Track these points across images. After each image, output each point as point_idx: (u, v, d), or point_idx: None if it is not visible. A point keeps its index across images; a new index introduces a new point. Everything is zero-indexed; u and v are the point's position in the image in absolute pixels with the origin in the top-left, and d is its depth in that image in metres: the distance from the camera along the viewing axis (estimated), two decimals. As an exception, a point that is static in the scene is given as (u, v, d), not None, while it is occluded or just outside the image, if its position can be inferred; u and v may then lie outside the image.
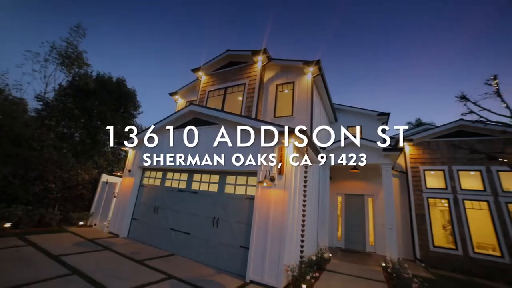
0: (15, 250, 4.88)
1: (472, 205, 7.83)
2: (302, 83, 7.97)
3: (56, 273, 3.97)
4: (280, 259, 4.60)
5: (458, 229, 7.71)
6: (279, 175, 5.17)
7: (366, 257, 8.02)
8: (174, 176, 7.23)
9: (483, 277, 6.74)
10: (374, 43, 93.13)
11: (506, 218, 7.09)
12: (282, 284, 4.46)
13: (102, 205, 8.37)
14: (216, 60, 9.36)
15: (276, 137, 5.36)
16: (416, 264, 7.69)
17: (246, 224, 5.39)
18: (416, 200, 8.59)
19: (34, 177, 7.24)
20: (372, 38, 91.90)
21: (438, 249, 7.78)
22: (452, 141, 8.55)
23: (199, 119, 7.01)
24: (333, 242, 9.39)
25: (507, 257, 6.75)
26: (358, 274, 5.89)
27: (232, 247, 5.43)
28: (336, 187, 10.25)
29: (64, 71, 8.68)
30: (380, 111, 11.09)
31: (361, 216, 9.58)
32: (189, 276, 4.65)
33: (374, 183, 9.60)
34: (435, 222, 8.25)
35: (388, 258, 6.57)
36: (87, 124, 8.92)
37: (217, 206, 6.01)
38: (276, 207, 4.99)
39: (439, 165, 8.68)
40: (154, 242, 6.68)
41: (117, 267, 4.68)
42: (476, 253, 7.22)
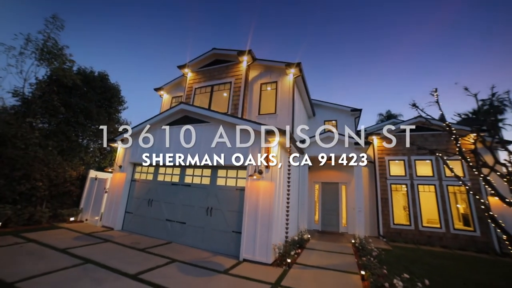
0: (19, 246, 5.13)
1: (423, 188, 9.38)
2: (285, 83, 8.67)
3: (71, 263, 4.40)
4: (269, 240, 5.43)
5: (413, 209, 9.23)
6: (266, 169, 5.92)
7: (340, 237, 9.26)
8: (167, 170, 7.66)
9: (426, 244, 8.48)
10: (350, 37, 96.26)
11: (446, 198, 8.79)
12: (271, 260, 5.32)
13: (92, 200, 8.54)
14: (202, 58, 9.65)
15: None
16: (379, 239, 9.10)
17: (238, 212, 6.12)
18: (381, 186, 9.96)
19: (20, 176, 7.20)
20: (349, 31, 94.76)
21: (397, 226, 9.26)
22: (410, 136, 9.96)
23: (190, 117, 7.44)
24: (311, 225, 10.55)
25: (443, 228, 8.54)
26: (332, 250, 7.00)
27: (225, 232, 6.16)
28: (313, 176, 11.35)
29: (43, 66, 8.42)
30: (354, 107, 12.25)
31: (335, 202, 10.82)
32: (190, 259, 5.31)
33: (347, 172, 10.82)
34: (396, 204, 9.71)
35: (357, 235, 7.79)
36: (72, 121, 8.81)
37: (210, 197, 6.64)
38: (264, 196, 5.76)
39: (400, 155, 10.08)
40: (150, 233, 7.17)
41: (124, 255, 5.18)
42: (424, 227, 8.82)
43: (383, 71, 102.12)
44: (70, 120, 8.66)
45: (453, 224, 8.62)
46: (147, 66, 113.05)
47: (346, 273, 5.00)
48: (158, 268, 4.58)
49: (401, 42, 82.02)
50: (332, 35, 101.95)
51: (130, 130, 8.13)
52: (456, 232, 8.47)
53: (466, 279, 4.96)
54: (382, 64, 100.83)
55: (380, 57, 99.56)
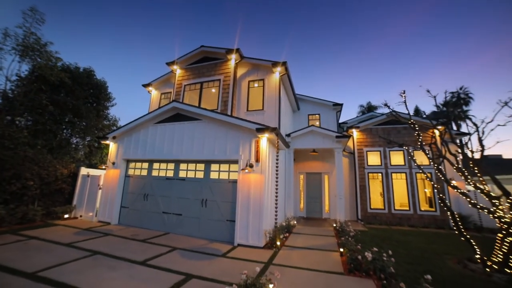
0: (23, 243, 5.35)
1: (396, 176, 10.47)
2: (271, 81, 9.16)
3: (81, 255, 4.76)
4: (260, 226, 6.07)
5: (387, 195, 10.32)
6: (256, 163, 6.49)
7: (323, 222, 10.18)
8: (161, 166, 7.99)
9: (397, 225, 9.65)
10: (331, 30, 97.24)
11: (415, 184, 9.95)
12: (263, 243, 5.98)
13: (86, 197, 8.69)
14: (190, 55, 9.84)
15: (253, 132, 6.58)
16: (357, 222, 10.13)
17: (231, 202, 6.68)
18: (360, 175, 10.95)
19: (10, 176, 7.21)
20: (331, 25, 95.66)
21: (373, 210, 10.34)
22: (385, 129, 10.96)
23: (182, 115, 7.77)
24: (297, 212, 11.41)
25: (412, 210, 9.73)
26: (316, 233, 7.83)
27: (220, 221, 6.72)
28: (299, 167, 12.15)
29: (26, 63, 8.22)
30: (335, 102, 13.03)
31: (319, 190, 11.72)
32: (189, 246, 5.83)
33: (329, 163, 11.71)
34: (373, 191, 10.76)
35: (338, 220, 8.70)
36: (59, 118, 8.75)
37: (205, 190, 7.13)
38: (255, 188, 6.36)
39: (377, 147, 11.07)
40: (147, 225, 7.56)
41: (127, 246, 5.59)
42: (396, 210, 9.94)
43: (366, 62, 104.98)
44: (57, 118, 8.60)
45: (420, 206, 9.83)
46: (134, 63, 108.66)
47: (328, 251, 5.79)
48: (162, 255, 5.07)
49: (385, 32, 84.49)
50: (317, 29, 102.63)
51: (122, 127, 8.30)
52: (422, 213, 9.69)
53: (423, 249, 5.98)
54: (365, 56, 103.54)
55: (364, 48, 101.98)
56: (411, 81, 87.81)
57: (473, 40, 59.78)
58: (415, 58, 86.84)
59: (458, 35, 66.88)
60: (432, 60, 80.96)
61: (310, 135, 10.48)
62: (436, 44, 77.72)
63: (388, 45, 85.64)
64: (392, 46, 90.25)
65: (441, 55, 76.30)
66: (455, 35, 68.29)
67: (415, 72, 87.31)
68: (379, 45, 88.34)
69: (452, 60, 71.91)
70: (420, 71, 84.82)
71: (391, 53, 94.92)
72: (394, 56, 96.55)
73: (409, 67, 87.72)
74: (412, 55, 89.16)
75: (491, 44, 57.98)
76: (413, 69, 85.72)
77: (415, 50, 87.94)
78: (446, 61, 73.03)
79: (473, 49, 63.30)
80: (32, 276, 3.65)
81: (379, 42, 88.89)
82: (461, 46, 68.81)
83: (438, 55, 77.74)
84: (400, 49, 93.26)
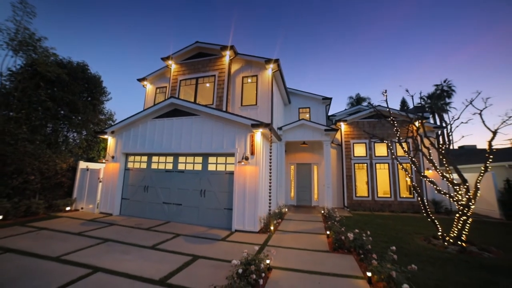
0: (35, 233, 5.73)
1: (380, 166, 11.33)
2: (264, 77, 9.58)
3: (93, 242, 5.21)
4: (255, 213, 6.69)
5: (371, 183, 11.19)
6: (251, 155, 7.02)
7: (312, 209, 10.97)
8: (160, 159, 8.38)
9: (379, 211, 10.54)
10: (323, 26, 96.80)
11: (396, 174, 10.82)
12: (258, 229, 6.62)
13: (86, 190, 9.00)
14: (185, 51, 10.04)
15: (249, 128, 7.06)
16: (344, 209, 11.00)
17: (228, 192, 7.24)
18: (347, 165, 11.74)
19: (11, 171, 7.43)
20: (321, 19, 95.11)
21: (358, 198, 11.21)
22: (371, 122, 11.71)
23: (180, 110, 8.11)
24: (288, 201, 12.17)
25: (393, 197, 10.63)
26: (306, 219, 8.57)
27: (218, 210, 7.29)
28: (290, 158, 12.81)
29: (19, 57, 8.21)
30: (325, 96, 13.60)
31: (308, 180, 12.48)
32: (190, 233, 6.38)
33: (319, 154, 12.42)
34: (359, 180, 11.60)
35: (326, 207, 9.47)
36: (54, 113, 8.85)
37: (203, 181, 7.63)
38: (250, 178, 6.92)
39: (363, 139, 11.83)
40: (148, 215, 8.03)
41: (134, 234, 6.08)
42: (378, 197, 10.85)
43: (356, 54, 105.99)
44: (54, 114, 8.71)
45: (400, 194, 10.78)
46: (129, 57, 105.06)
47: (316, 234, 6.50)
48: (167, 241, 5.60)
49: (373, 22, 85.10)
50: (309, 22, 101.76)
51: (121, 122, 8.56)
52: (401, 199, 10.65)
53: (398, 230, 6.83)
54: (356, 45, 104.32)
55: (354, 38, 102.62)
56: (400, 72, 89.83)
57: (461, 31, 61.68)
58: (406, 47, 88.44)
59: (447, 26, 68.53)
60: (422, 51, 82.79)
61: (300, 128, 11.09)
62: (425, 36, 79.14)
63: (379, 36, 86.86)
64: (383, 37, 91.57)
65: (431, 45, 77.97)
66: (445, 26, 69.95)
67: (404, 64, 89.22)
68: (370, 36, 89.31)
69: (441, 51, 73.91)
70: (409, 63, 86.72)
71: (380, 45, 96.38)
72: (383, 49, 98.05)
73: (399, 58, 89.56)
74: (402, 47, 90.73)
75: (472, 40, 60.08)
76: (402, 60, 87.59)
77: (405, 41, 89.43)
78: (436, 51, 74.94)
79: (461, 41, 65.26)
80: (57, 259, 4.10)
81: (371, 33, 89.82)
82: (448, 39, 70.65)
83: (428, 46, 79.38)
84: (390, 41, 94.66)
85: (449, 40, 69.93)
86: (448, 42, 69.15)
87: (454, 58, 59.52)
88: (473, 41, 58.67)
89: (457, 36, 66.15)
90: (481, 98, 5.78)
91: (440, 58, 69.16)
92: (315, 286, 3.46)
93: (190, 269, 3.96)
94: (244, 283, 3.05)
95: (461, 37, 63.65)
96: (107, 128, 8.79)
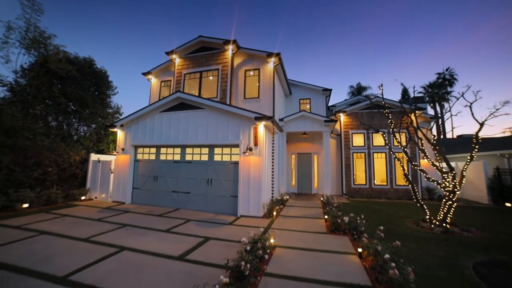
0: (61, 219, 6.32)
1: (377, 156, 11.79)
2: (266, 70, 9.87)
3: (113, 227, 5.78)
4: (259, 200, 7.23)
5: (369, 172, 11.70)
6: (255, 146, 7.48)
7: (312, 196, 11.56)
8: (168, 151, 8.87)
9: (375, 198, 11.09)
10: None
11: (392, 163, 11.28)
12: (262, 214, 7.19)
13: (99, 180, 9.57)
14: (189, 45, 10.28)
15: (252, 120, 7.48)
16: (342, 196, 11.57)
17: (233, 181, 7.76)
18: (345, 155, 12.20)
19: (32, 164, 7.96)
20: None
21: (356, 185, 11.76)
22: (369, 113, 12.06)
23: (186, 104, 8.50)
24: (289, 189, 12.75)
25: (389, 185, 11.15)
26: (306, 206, 9.15)
27: (224, 197, 7.84)
28: (291, 148, 13.28)
29: (31, 55, 8.54)
30: (325, 87, 13.87)
31: (309, 169, 13.00)
32: (199, 218, 6.96)
33: (319, 144, 12.86)
34: (357, 169, 12.10)
35: (325, 194, 10.03)
36: (66, 108, 9.27)
37: (209, 171, 8.15)
38: (254, 168, 7.41)
39: (361, 129, 12.21)
40: (158, 203, 8.61)
41: (148, 220, 6.65)
42: (375, 185, 11.39)
43: (358, 44, 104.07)
44: (66, 109, 9.13)
45: (396, 182, 11.30)
46: (132, 52, 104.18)
47: (315, 219, 7.07)
48: (180, 225, 6.17)
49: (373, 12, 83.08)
50: (310, 12, 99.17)
51: (129, 116, 8.98)
52: (397, 187, 11.19)
53: (391, 215, 7.40)
54: (356, 34, 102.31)
55: (354, 26, 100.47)
56: (402, 60, 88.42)
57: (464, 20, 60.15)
58: (408, 36, 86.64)
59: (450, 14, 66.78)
60: (424, 39, 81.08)
61: (301, 120, 11.50)
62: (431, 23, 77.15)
63: (381, 24, 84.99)
64: (386, 23, 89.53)
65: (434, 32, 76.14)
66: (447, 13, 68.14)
67: (407, 50, 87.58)
68: (371, 24, 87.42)
69: (443, 38, 72.39)
70: (413, 49, 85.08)
71: (382, 33, 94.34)
72: (385, 37, 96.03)
73: (402, 45, 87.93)
74: (405, 35, 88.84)
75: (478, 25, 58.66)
76: (406, 47, 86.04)
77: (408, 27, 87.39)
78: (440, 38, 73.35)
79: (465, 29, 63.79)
80: (87, 240, 4.68)
81: (372, 20, 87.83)
82: (451, 26, 68.96)
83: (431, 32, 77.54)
84: (393, 28, 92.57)
85: (455, 25, 68.24)
86: (455, 28, 67.49)
87: (464, 42, 58.09)
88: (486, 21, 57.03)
89: (466, 20, 64.36)
90: (472, 91, 6.14)
91: (447, 44, 67.74)
92: (313, 260, 4.02)
93: (203, 248, 4.52)
94: (252, 256, 3.58)
95: (472, 18, 61.69)
96: (117, 122, 9.23)
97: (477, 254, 4.15)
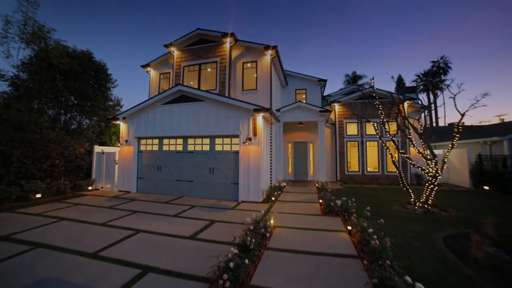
0: (75, 207, 6.77)
1: (370, 144, 12.36)
2: (263, 63, 10.13)
3: (124, 213, 6.26)
4: (259, 186, 7.77)
5: (361, 160, 12.30)
6: (254, 136, 7.92)
7: (308, 183, 12.18)
8: (171, 141, 9.25)
9: (367, 184, 11.75)
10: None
11: (384, 151, 11.88)
12: (261, 199, 7.75)
13: (104, 171, 9.96)
14: (187, 38, 10.41)
15: (251, 112, 7.87)
16: (336, 183, 12.22)
17: (234, 169, 8.25)
18: (340, 143, 12.75)
19: (41, 156, 8.29)
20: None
21: (349, 172, 12.39)
22: (363, 103, 12.51)
23: (186, 96, 8.81)
24: (286, 176, 13.35)
25: (380, 171, 11.82)
26: (302, 192, 9.75)
27: (226, 185, 8.35)
28: (287, 137, 13.77)
29: (30, 48, 8.63)
30: (320, 78, 14.19)
31: (304, 157, 13.57)
32: (204, 204, 7.48)
33: (314, 133, 13.35)
34: (351, 156, 12.70)
35: (320, 181, 10.63)
36: (67, 102, 9.48)
37: (211, 160, 8.60)
38: (253, 156, 7.89)
39: (355, 119, 12.67)
40: (163, 192, 9.09)
41: (156, 206, 7.14)
42: (368, 172, 12.04)
43: (352, 33, 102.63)
44: (68, 102, 9.34)
45: (387, 169, 11.95)
46: (130, 45, 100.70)
47: (311, 203, 7.66)
48: (186, 211, 6.69)
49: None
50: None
51: (131, 109, 9.26)
52: (388, 173, 11.86)
53: (380, 199, 8.04)
54: (352, 28, 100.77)
55: (349, 12, 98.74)
56: (399, 48, 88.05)
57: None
58: (403, 25, 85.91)
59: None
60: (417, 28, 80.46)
61: (297, 110, 11.90)
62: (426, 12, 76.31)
63: (376, 12, 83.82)
64: (381, 12, 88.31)
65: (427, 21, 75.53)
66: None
67: (402, 38, 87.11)
68: (365, 14, 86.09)
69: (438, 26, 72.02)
70: (408, 37, 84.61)
71: (377, 21, 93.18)
72: (380, 25, 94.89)
73: (397, 33, 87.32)
74: (400, 23, 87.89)
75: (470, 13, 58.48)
76: (401, 35, 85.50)
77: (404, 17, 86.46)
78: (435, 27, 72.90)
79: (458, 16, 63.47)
80: (104, 225, 5.17)
81: (365, 11, 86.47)
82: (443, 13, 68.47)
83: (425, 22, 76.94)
84: (388, 17, 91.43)
85: (449, 13, 67.77)
86: (449, 15, 67.06)
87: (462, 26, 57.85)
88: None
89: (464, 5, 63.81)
90: (456, 84, 6.61)
91: (443, 30, 67.53)
92: (309, 236, 4.59)
93: (211, 229, 5.05)
94: (255, 234, 4.11)
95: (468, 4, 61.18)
96: (119, 114, 9.51)
97: (448, 229, 4.78)
